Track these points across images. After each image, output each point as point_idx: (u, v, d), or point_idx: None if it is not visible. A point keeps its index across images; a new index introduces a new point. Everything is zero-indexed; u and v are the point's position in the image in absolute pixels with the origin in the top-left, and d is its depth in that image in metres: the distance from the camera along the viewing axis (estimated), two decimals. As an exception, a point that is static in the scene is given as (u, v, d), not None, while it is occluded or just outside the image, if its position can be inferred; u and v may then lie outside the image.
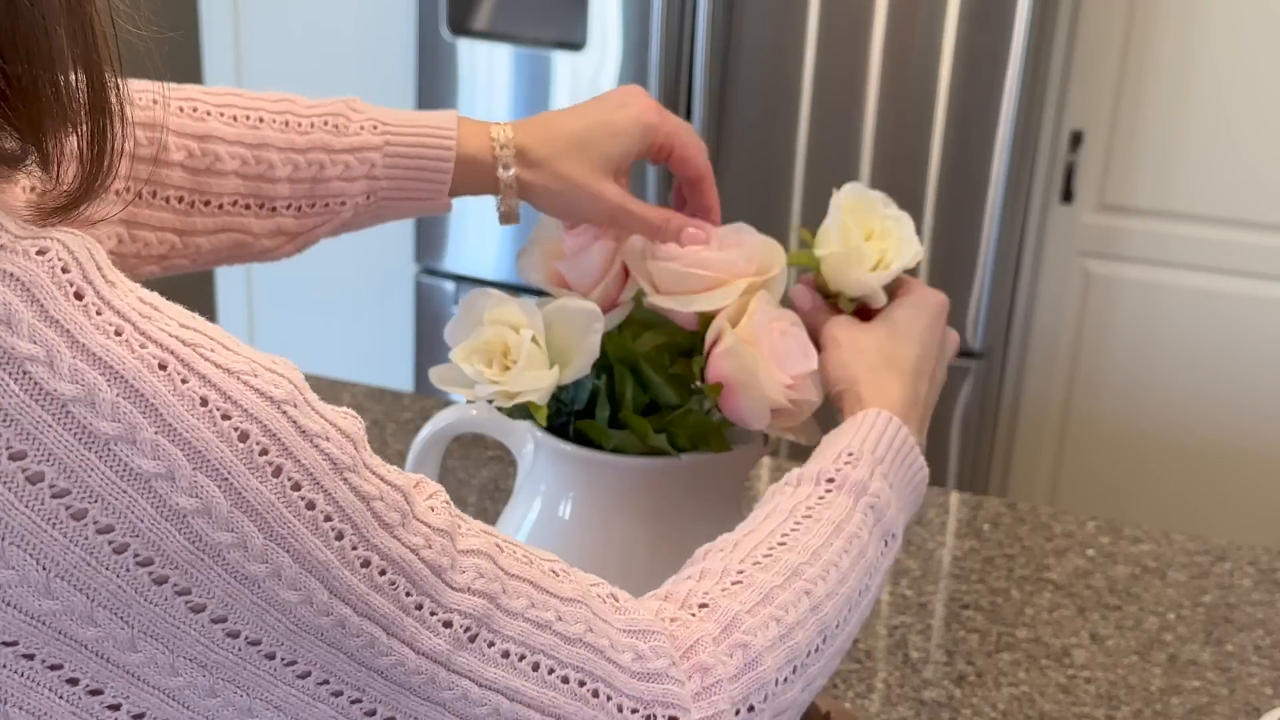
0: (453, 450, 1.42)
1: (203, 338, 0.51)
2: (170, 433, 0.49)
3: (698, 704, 0.64)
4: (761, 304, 0.83)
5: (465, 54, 2.31)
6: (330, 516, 0.52)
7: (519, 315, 0.81)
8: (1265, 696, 1.12)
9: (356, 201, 0.89)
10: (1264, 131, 2.20)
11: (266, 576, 0.51)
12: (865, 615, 0.74)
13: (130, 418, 0.48)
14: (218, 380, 0.50)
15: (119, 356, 0.49)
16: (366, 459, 0.54)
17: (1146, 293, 2.31)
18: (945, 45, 2.07)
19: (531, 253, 0.90)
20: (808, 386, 0.84)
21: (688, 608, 0.67)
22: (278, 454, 0.51)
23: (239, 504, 0.50)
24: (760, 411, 0.83)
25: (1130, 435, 2.37)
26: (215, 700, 0.52)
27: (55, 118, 0.51)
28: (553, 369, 0.81)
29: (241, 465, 0.50)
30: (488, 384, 0.80)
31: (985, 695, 1.11)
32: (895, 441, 0.78)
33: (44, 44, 0.49)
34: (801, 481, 0.76)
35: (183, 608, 0.50)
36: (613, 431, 0.85)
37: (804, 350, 0.84)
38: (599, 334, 0.82)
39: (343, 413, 0.54)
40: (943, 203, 2.13)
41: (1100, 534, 1.35)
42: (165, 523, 0.49)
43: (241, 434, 0.50)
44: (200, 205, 0.85)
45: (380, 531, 0.54)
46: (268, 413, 0.51)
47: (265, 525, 0.50)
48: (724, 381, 0.82)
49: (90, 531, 0.48)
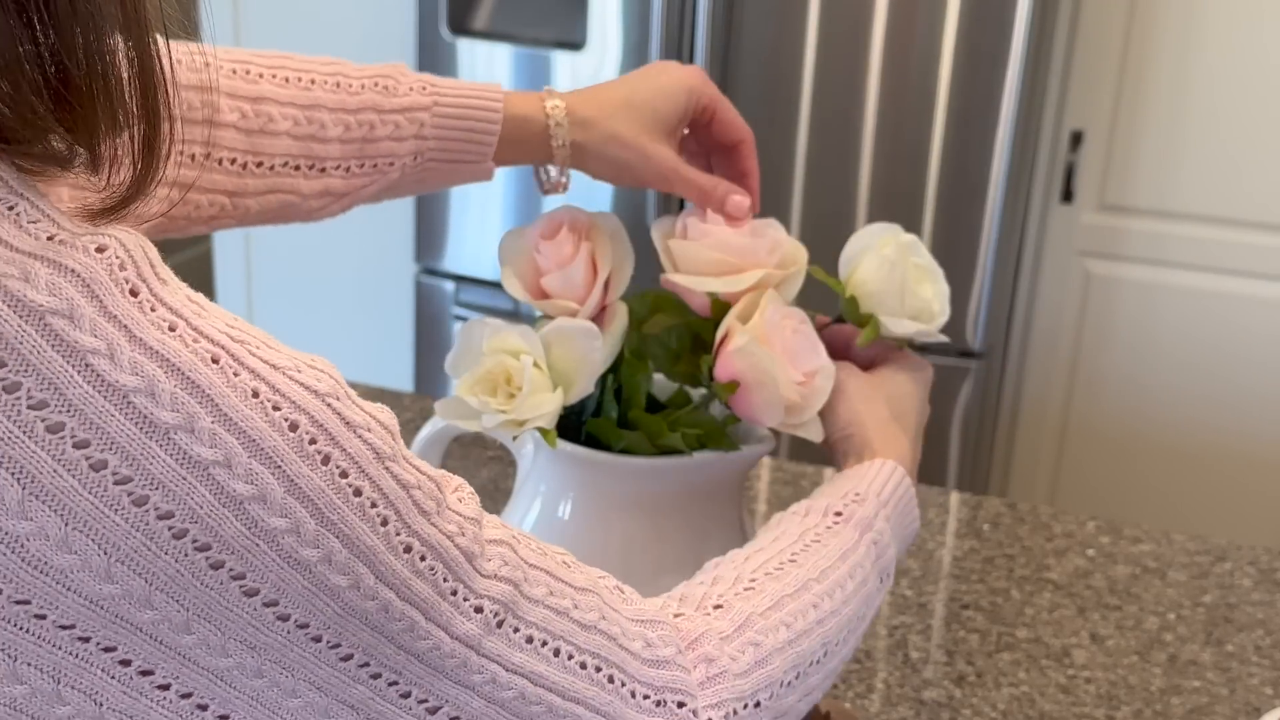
0: (453, 450, 1.42)
1: (249, 335, 0.53)
2: (226, 422, 0.50)
3: (703, 692, 0.66)
4: (772, 301, 0.84)
5: (465, 54, 2.31)
6: (376, 503, 0.54)
7: (518, 342, 0.82)
8: (1265, 696, 1.12)
9: (404, 162, 0.90)
10: (1263, 131, 2.20)
11: (318, 561, 0.52)
12: (858, 643, 0.78)
13: (188, 408, 0.50)
14: (266, 374, 0.52)
15: (175, 350, 0.50)
16: (403, 450, 0.56)
17: (1146, 292, 2.31)
18: (945, 45, 2.07)
19: (509, 271, 0.89)
20: (819, 383, 0.84)
21: (702, 609, 0.70)
22: (325, 443, 0.52)
23: (292, 490, 0.51)
24: (774, 409, 0.83)
25: (1130, 435, 2.37)
26: (261, 681, 0.54)
27: (108, 121, 0.52)
28: (556, 391, 0.81)
29: (293, 453, 0.51)
30: (494, 414, 0.80)
31: (985, 695, 1.11)
32: (899, 490, 0.82)
33: (102, 49, 0.50)
34: (810, 512, 0.78)
35: (237, 592, 0.51)
36: (623, 431, 0.85)
37: (814, 347, 0.84)
38: (599, 352, 0.82)
39: (379, 407, 0.56)
40: (943, 203, 2.13)
41: (1100, 534, 1.35)
42: (223, 509, 0.50)
43: (291, 424, 0.52)
44: (253, 166, 0.86)
45: (420, 518, 0.56)
46: (314, 405, 0.52)
47: (317, 511, 0.52)
48: (737, 379, 0.82)
49: (151, 517, 0.49)
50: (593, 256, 0.87)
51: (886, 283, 0.87)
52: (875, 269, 0.87)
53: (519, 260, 0.89)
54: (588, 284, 0.86)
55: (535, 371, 0.81)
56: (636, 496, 0.86)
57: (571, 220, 0.88)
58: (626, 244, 0.88)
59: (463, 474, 1.39)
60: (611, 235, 0.88)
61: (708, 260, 0.84)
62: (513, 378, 0.81)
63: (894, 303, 0.87)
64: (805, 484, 1.42)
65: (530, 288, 0.87)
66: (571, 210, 0.89)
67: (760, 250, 0.85)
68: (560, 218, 0.88)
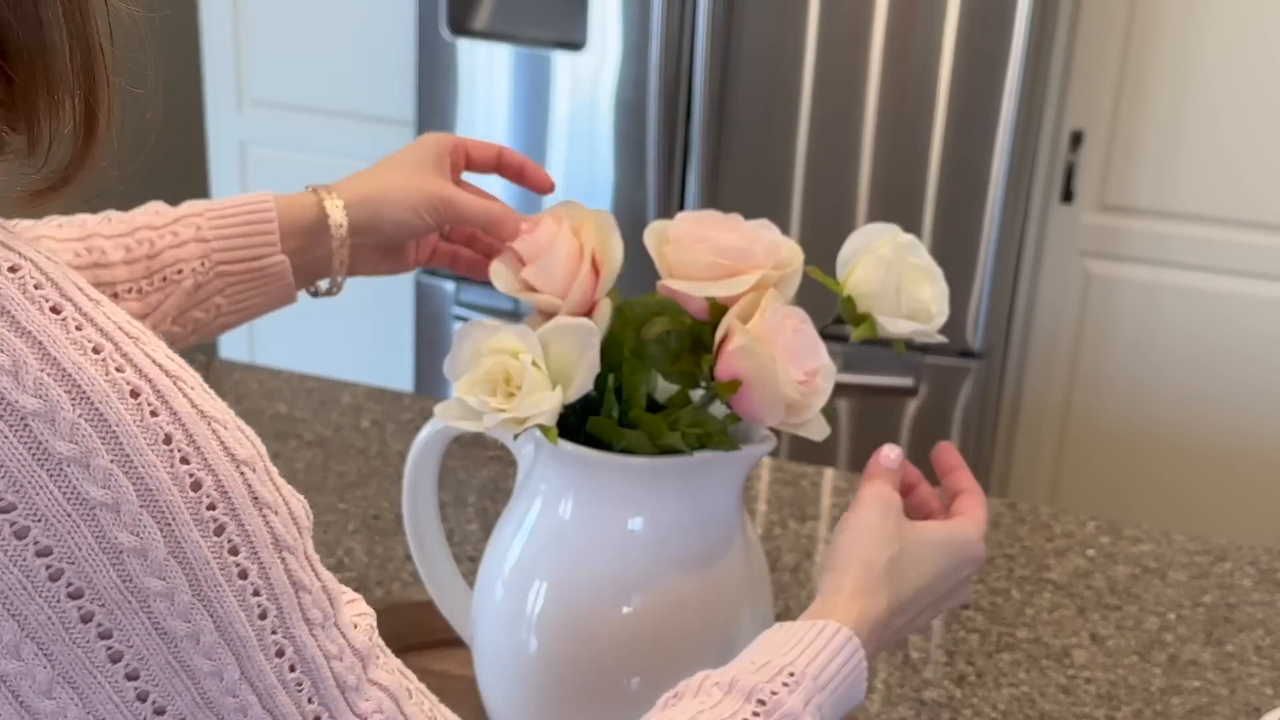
0: (453, 450, 1.42)
1: (186, 373, 0.50)
2: (125, 464, 0.48)
3: None
4: (772, 301, 0.84)
5: (465, 54, 2.31)
6: (260, 591, 0.51)
7: (515, 341, 0.82)
8: (1265, 696, 1.12)
9: (194, 267, 0.90)
10: (1263, 132, 2.20)
11: (185, 637, 0.49)
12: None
13: (88, 441, 0.47)
14: (188, 420, 0.49)
15: (90, 376, 0.48)
16: (308, 548, 0.53)
17: (1146, 292, 2.32)
18: (945, 46, 2.07)
19: (500, 262, 0.91)
20: (820, 382, 0.84)
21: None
22: (225, 512, 0.50)
23: (176, 553, 0.48)
24: (775, 408, 0.83)
25: (1130, 435, 2.37)
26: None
27: (47, 96, 0.50)
28: (555, 389, 0.82)
29: (187, 514, 0.49)
30: (494, 413, 0.81)
31: (985, 695, 1.11)
32: (845, 669, 0.73)
33: (40, 17, 0.48)
34: (732, 691, 0.69)
35: (102, 653, 0.49)
36: (624, 431, 0.85)
37: (815, 346, 0.84)
38: (597, 349, 0.82)
39: (295, 495, 0.53)
40: (943, 203, 2.13)
41: (1100, 534, 1.35)
42: (101, 555, 0.48)
43: (195, 482, 0.49)
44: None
45: (301, 625, 0.52)
46: (226, 468, 0.50)
47: (195, 581, 0.49)
48: (739, 379, 0.82)
49: (30, 553, 0.47)
50: (579, 249, 0.87)
51: (883, 283, 0.87)
52: (872, 269, 0.87)
53: (507, 254, 0.90)
54: (568, 276, 0.86)
55: (534, 370, 0.81)
56: (636, 496, 0.86)
57: (554, 213, 0.89)
58: (615, 235, 0.88)
59: (463, 474, 1.39)
60: (598, 227, 0.88)
61: (703, 264, 0.84)
62: (512, 377, 0.82)
63: (890, 303, 0.87)
64: (805, 484, 1.42)
65: (518, 281, 0.88)
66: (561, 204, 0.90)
67: (757, 252, 0.85)
68: (546, 212, 0.90)
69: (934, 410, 2.20)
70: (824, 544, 1.31)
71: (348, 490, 1.35)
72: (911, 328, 0.88)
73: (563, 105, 2.27)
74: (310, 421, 1.47)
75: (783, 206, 2.18)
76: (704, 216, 0.88)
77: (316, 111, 2.61)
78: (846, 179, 2.15)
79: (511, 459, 0.94)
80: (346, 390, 1.54)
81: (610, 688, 0.85)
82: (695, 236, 0.86)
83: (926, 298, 0.88)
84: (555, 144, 2.30)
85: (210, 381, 0.53)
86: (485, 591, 0.91)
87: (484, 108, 2.33)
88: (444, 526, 1.01)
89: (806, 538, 1.32)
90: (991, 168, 2.10)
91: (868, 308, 0.88)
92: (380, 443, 1.44)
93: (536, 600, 0.87)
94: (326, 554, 1.24)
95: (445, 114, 2.35)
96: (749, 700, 0.69)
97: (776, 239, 0.87)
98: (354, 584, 1.20)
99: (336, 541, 1.26)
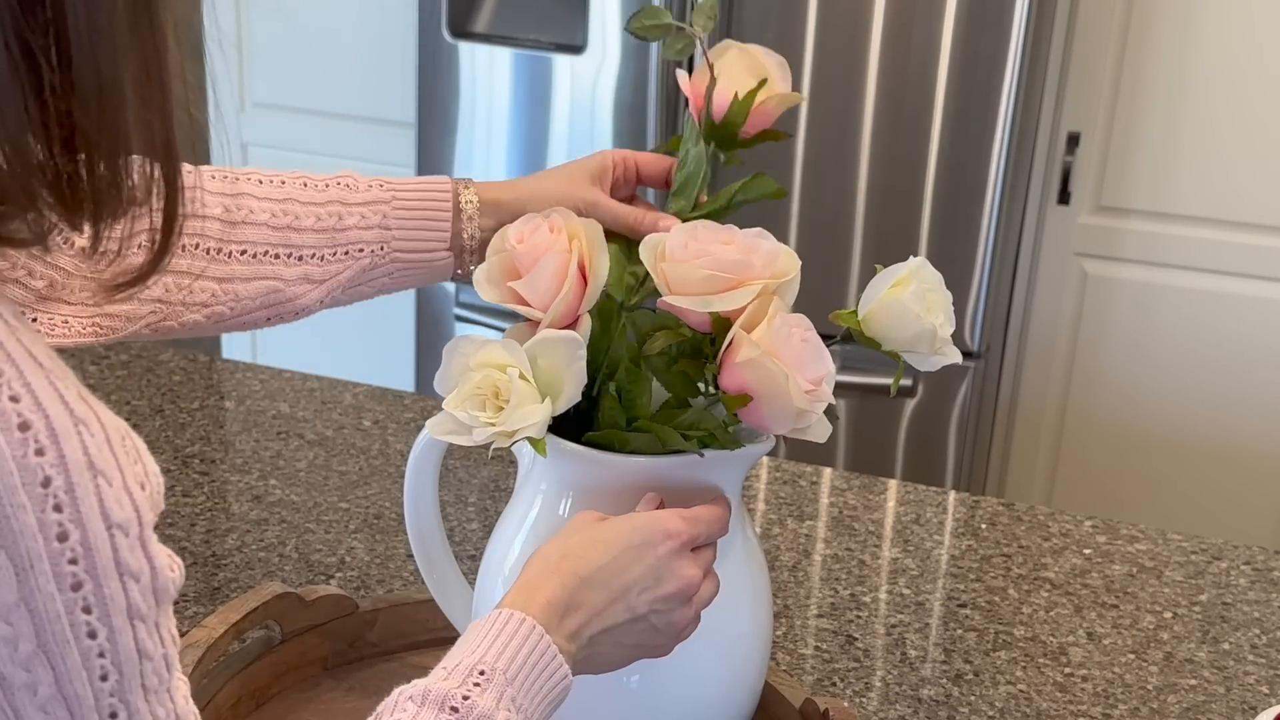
0: (453, 450, 1.42)
1: (93, 418, 0.49)
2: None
3: None
4: (779, 311, 0.84)
5: (466, 57, 2.32)
6: (104, 654, 0.50)
7: (503, 355, 0.83)
8: (1261, 695, 1.13)
9: (373, 249, 0.96)
10: (1257, 134, 2.21)
11: (22, 686, 0.49)
12: None
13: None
14: (73, 468, 0.48)
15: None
16: (161, 616, 0.52)
17: (1142, 293, 2.32)
18: (943, 48, 2.07)
19: (485, 271, 0.90)
20: (825, 388, 0.85)
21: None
22: (85, 570, 0.49)
23: (27, 600, 0.48)
24: (785, 418, 0.84)
25: (1126, 434, 2.38)
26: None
27: (114, 205, 0.51)
28: (544, 402, 0.82)
29: (47, 564, 0.47)
30: (484, 427, 0.82)
31: (982, 693, 1.11)
32: (533, 655, 0.72)
33: (123, 135, 0.49)
34: (425, 703, 0.69)
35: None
36: (630, 435, 0.86)
37: (820, 353, 0.85)
38: (584, 360, 0.83)
39: (169, 561, 0.53)
40: (940, 204, 2.14)
41: (1097, 533, 1.36)
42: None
43: (62, 533, 0.48)
44: (236, 254, 0.93)
45: (138, 691, 0.52)
46: (97, 527, 0.49)
47: (42, 634, 0.48)
48: (747, 392, 0.83)
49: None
50: (565, 263, 0.87)
51: (913, 333, 0.87)
52: (898, 317, 0.87)
53: (494, 265, 0.90)
54: (553, 290, 0.87)
55: (521, 383, 0.82)
56: (637, 496, 0.86)
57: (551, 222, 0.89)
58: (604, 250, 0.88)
59: (463, 474, 1.40)
60: (588, 241, 0.88)
61: (701, 279, 0.85)
62: (500, 391, 0.82)
63: (926, 345, 0.88)
64: (803, 483, 1.43)
65: (505, 291, 0.88)
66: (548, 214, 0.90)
67: (755, 263, 0.85)
68: (533, 223, 0.89)
69: (931, 410, 2.20)
70: (823, 543, 1.32)
71: (349, 490, 1.36)
72: (939, 363, 0.88)
73: (563, 108, 2.28)
74: (312, 421, 1.48)
75: (781, 209, 2.19)
76: (698, 229, 0.88)
77: (318, 113, 2.62)
78: (844, 181, 2.16)
79: (512, 459, 0.95)
80: (348, 390, 1.55)
81: (610, 687, 0.85)
82: (692, 251, 0.86)
83: (941, 323, 0.88)
84: (555, 146, 2.31)
85: (212, 382, 0.53)
86: (485, 591, 0.92)
87: (484, 110, 2.34)
88: (445, 526, 1.01)
89: (805, 537, 1.33)
90: (988, 169, 2.10)
91: (893, 350, 0.88)
92: (381, 442, 1.45)
93: (538, 599, 0.88)
94: (328, 553, 1.25)
95: (446, 116, 2.36)
96: (442, 709, 0.68)
97: (773, 248, 0.87)
98: (355, 583, 1.20)
99: (338, 541, 1.27)
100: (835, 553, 1.30)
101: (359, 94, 2.56)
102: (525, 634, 0.73)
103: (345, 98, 2.58)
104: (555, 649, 0.73)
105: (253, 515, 1.30)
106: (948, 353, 0.88)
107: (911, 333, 0.86)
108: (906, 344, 0.87)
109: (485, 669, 0.70)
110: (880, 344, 0.88)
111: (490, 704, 0.69)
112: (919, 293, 0.86)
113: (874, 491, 1.42)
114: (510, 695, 0.70)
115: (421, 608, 1.06)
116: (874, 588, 1.25)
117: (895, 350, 0.88)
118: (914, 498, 1.42)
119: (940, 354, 0.88)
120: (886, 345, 0.87)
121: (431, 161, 2.39)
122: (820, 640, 1.17)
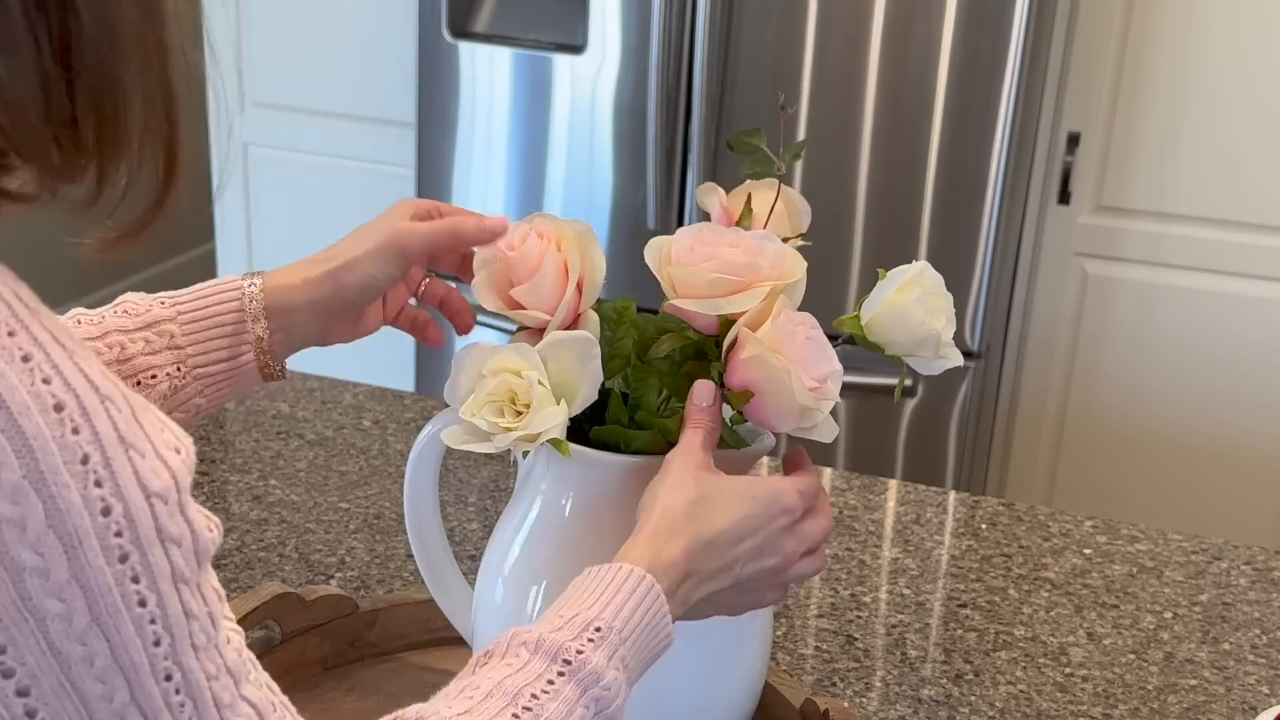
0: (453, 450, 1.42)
1: (118, 394, 0.50)
2: (38, 480, 0.47)
3: None
4: (784, 309, 0.84)
5: (466, 56, 2.32)
6: (155, 620, 0.51)
7: (517, 360, 0.83)
8: (1261, 695, 1.13)
9: (169, 372, 0.89)
10: (1258, 133, 2.21)
11: (79, 659, 0.50)
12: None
13: (1, 454, 0.47)
14: (108, 443, 0.49)
15: (10, 386, 0.47)
16: (203, 575, 0.54)
17: (1143, 292, 2.32)
18: (943, 47, 2.07)
19: (481, 278, 0.90)
20: (830, 387, 0.85)
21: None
22: (130, 541, 0.50)
23: (78, 576, 0.48)
24: (789, 416, 0.84)
25: (1127, 434, 2.38)
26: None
27: (130, 147, 0.51)
28: (561, 403, 0.83)
29: (94, 539, 0.48)
30: (504, 433, 0.82)
31: (983, 694, 1.11)
32: (647, 616, 0.73)
33: (124, 81, 0.50)
34: (538, 651, 0.70)
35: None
36: (635, 433, 0.86)
37: (825, 352, 0.85)
38: (598, 359, 0.83)
39: (207, 521, 0.54)
40: (940, 204, 2.14)
41: (1097, 533, 1.36)
42: (1, 571, 0.47)
43: (105, 508, 0.49)
44: None
45: (189, 651, 0.53)
46: (137, 498, 0.50)
47: (95, 606, 0.49)
48: (751, 388, 0.83)
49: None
50: (564, 265, 0.87)
51: (917, 338, 0.87)
52: (900, 323, 0.87)
53: (490, 272, 0.90)
54: (557, 293, 0.87)
55: (540, 386, 0.82)
56: (636, 495, 0.86)
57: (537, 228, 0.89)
58: (597, 248, 0.89)
59: (463, 474, 1.40)
60: (579, 240, 0.88)
61: (708, 282, 0.85)
62: (518, 396, 0.83)
63: (930, 349, 0.87)
64: (804, 484, 1.43)
65: (504, 299, 0.88)
66: (539, 218, 0.90)
67: (761, 265, 0.85)
68: (526, 228, 0.89)
69: (932, 410, 2.20)
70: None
71: (349, 489, 1.36)
72: (942, 366, 0.88)
73: (563, 108, 2.28)
74: (312, 421, 1.48)
75: (781, 208, 2.19)
76: (702, 231, 0.88)
77: (318, 113, 2.62)
78: (845, 180, 2.16)
79: (512, 459, 0.95)
80: (348, 390, 1.55)
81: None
82: (699, 255, 0.86)
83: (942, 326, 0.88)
84: (555, 146, 2.31)
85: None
86: (485, 591, 0.92)
87: (484, 110, 2.34)
88: (445, 526, 1.01)
89: (805, 537, 1.33)
90: (989, 169, 2.10)
91: (897, 355, 0.88)
92: (381, 442, 1.45)
93: (536, 600, 0.88)
94: (328, 553, 1.25)
95: (446, 116, 2.36)
96: (555, 660, 0.70)
97: (779, 249, 0.87)
98: (355, 583, 1.20)
99: (338, 541, 1.27)
100: (835, 553, 1.30)
101: (359, 94, 2.56)
102: (643, 594, 0.73)
103: (345, 98, 2.58)
104: (668, 611, 0.75)
105: (253, 515, 1.30)
106: (950, 356, 0.88)
107: (916, 338, 0.86)
108: (910, 349, 0.87)
109: (602, 626, 0.71)
110: (884, 349, 0.88)
111: (602, 661, 0.70)
112: (922, 298, 0.86)
113: (874, 491, 1.42)
114: (621, 655, 0.71)
115: (421, 608, 1.06)
116: (874, 588, 1.25)
117: (899, 355, 0.88)
118: (914, 498, 1.42)
119: (943, 357, 0.88)
120: (890, 350, 0.87)
121: (431, 161, 2.39)
122: (820, 640, 1.17)
